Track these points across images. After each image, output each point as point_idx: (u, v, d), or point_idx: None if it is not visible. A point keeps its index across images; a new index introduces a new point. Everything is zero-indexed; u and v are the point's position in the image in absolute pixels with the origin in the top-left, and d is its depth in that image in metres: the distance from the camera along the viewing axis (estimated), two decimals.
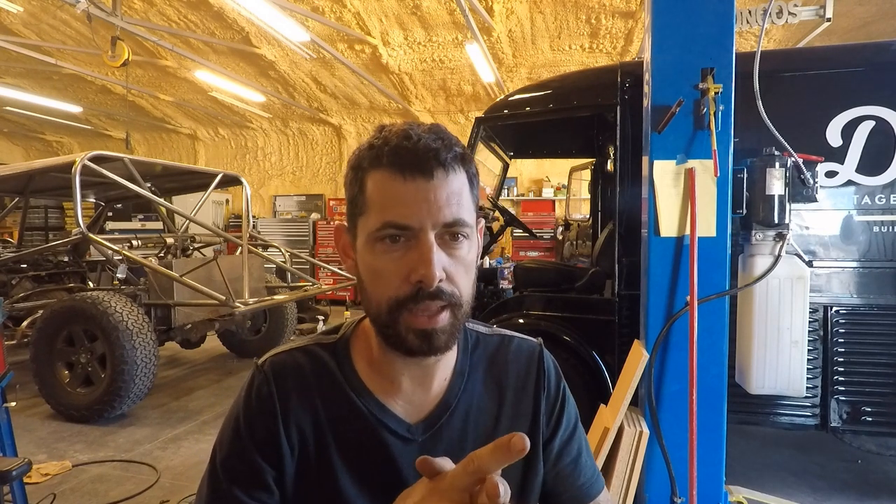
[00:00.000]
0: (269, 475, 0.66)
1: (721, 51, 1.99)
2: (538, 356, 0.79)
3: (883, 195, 2.37)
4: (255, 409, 0.67)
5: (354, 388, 0.69)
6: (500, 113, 3.22)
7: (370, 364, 0.70)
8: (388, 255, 0.61)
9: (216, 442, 0.69)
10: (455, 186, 0.61)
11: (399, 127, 0.63)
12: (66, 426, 3.70)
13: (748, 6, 2.56)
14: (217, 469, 0.67)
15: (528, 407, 0.76)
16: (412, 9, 5.68)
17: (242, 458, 0.66)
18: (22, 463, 1.73)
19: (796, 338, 2.08)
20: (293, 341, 0.75)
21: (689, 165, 2.02)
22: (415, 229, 0.60)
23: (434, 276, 0.58)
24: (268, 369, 0.70)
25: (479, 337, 0.78)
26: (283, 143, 10.20)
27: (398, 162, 0.60)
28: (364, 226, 0.63)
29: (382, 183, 0.61)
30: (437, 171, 0.60)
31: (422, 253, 0.59)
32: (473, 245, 0.65)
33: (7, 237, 7.88)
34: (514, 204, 8.77)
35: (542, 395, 0.77)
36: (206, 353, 5.76)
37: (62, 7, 5.76)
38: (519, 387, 0.76)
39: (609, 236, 3.11)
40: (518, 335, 0.81)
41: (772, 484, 2.78)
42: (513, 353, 0.78)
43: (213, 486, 0.66)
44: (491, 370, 0.76)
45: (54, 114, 9.32)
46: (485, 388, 0.74)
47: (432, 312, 0.60)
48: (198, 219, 4.67)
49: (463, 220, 0.61)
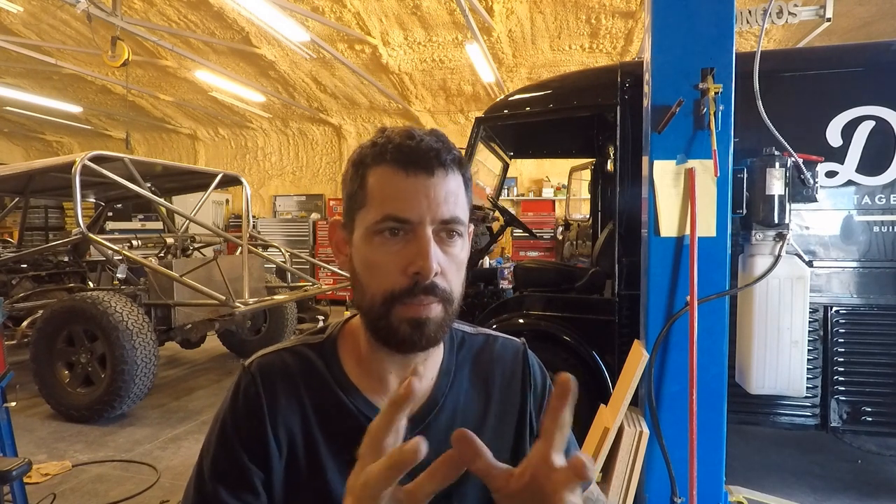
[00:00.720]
0: (257, 477, 0.66)
1: (721, 51, 1.99)
2: (523, 355, 0.81)
3: (883, 195, 2.37)
4: (243, 410, 0.67)
5: (342, 387, 0.70)
6: (500, 113, 3.22)
7: (358, 363, 0.71)
8: (386, 248, 0.62)
9: (203, 445, 0.69)
10: (452, 186, 0.64)
11: (401, 128, 0.65)
12: (66, 426, 3.70)
13: (748, 6, 2.56)
14: (203, 470, 0.66)
15: (514, 405, 0.77)
16: (412, 9, 5.68)
17: (229, 458, 0.66)
18: (22, 463, 1.73)
19: (796, 338, 2.08)
20: (280, 343, 0.76)
21: (689, 165, 2.02)
22: (413, 223, 0.61)
23: (431, 268, 0.60)
24: (255, 370, 0.70)
25: (464, 336, 0.79)
26: (283, 143, 10.20)
27: (401, 158, 0.62)
28: (363, 219, 0.64)
29: (385, 177, 0.63)
30: (437, 169, 0.62)
31: (420, 246, 0.61)
32: (466, 245, 0.67)
33: (7, 237, 7.88)
34: (514, 204, 8.77)
35: (528, 392, 0.78)
36: (206, 353, 5.76)
37: (62, 7, 5.76)
38: (504, 385, 0.77)
39: (609, 236, 3.11)
40: (502, 335, 0.83)
41: (772, 484, 2.78)
42: (497, 351, 0.80)
43: (198, 487, 0.66)
44: (477, 369, 0.77)
45: (54, 114, 9.32)
46: (471, 387, 0.75)
47: (426, 304, 0.62)
48: (198, 219, 4.67)
49: (459, 218, 0.64)
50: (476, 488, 0.69)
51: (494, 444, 0.72)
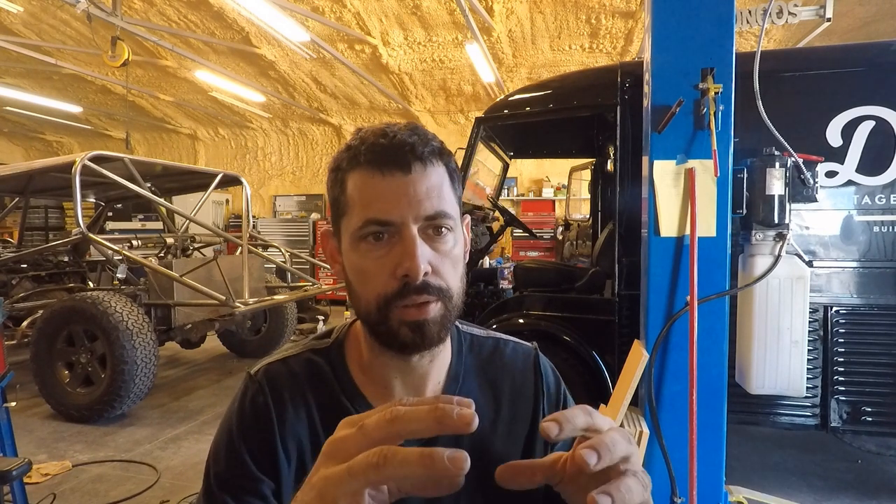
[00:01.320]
0: (266, 486, 0.64)
1: (721, 51, 1.99)
2: (534, 360, 0.78)
3: (883, 195, 2.37)
4: (251, 420, 0.66)
5: (349, 395, 0.68)
6: (500, 113, 3.22)
7: (362, 369, 0.70)
8: (373, 254, 0.61)
9: (209, 455, 0.68)
10: (434, 180, 0.61)
11: (376, 127, 0.63)
12: (66, 426, 3.70)
13: (748, 6, 2.56)
14: (211, 481, 0.65)
15: (526, 411, 0.75)
16: (412, 9, 5.68)
17: (238, 469, 0.64)
18: (22, 463, 1.73)
19: (796, 338, 2.08)
20: (285, 349, 0.74)
21: (689, 165, 2.02)
22: (396, 224, 0.59)
23: (419, 268, 0.58)
24: (262, 378, 0.69)
25: (472, 340, 0.77)
26: (283, 143, 10.20)
27: (375, 159, 0.60)
28: (347, 226, 0.63)
29: (361, 181, 0.61)
30: (414, 164, 0.60)
31: (405, 247, 0.59)
32: (459, 239, 0.65)
33: (7, 237, 7.88)
34: (514, 204, 8.77)
35: (541, 398, 0.76)
36: (206, 353, 5.76)
37: (62, 7, 5.76)
38: (515, 392, 0.75)
39: (609, 236, 3.11)
40: (513, 339, 0.80)
41: (772, 484, 2.78)
42: (508, 357, 0.77)
43: (207, 498, 0.65)
44: (486, 375, 0.75)
45: (54, 114, 9.32)
46: (481, 393, 0.73)
47: (421, 304, 0.60)
48: (198, 219, 4.67)
49: (444, 212, 0.61)
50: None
51: (504, 452, 0.71)
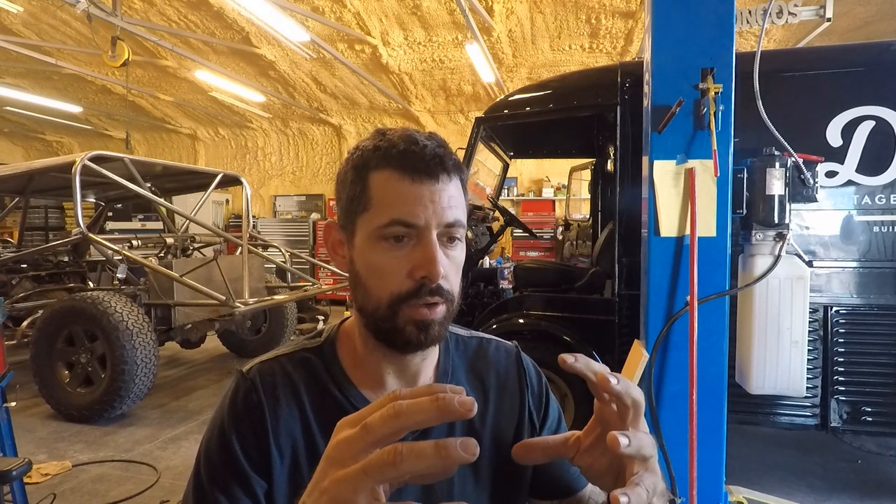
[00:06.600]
0: (258, 485, 0.64)
1: (721, 51, 1.99)
2: (516, 357, 0.83)
3: (883, 195, 2.37)
4: (243, 418, 0.66)
5: (342, 389, 0.70)
6: (500, 113, 3.22)
7: (355, 364, 0.72)
8: (392, 253, 0.64)
9: (199, 453, 0.67)
10: (454, 191, 0.66)
11: (401, 131, 0.66)
12: (66, 426, 3.70)
13: (748, 6, 2.56)
14: (202, 479, 0.65)
15: (513, 405, 0.78)
16: (412, 9, 5.67)
17: (230, 467, 0.64)
18: (22, 463, 1.73)
19: (796, 338, 2.08)
20: (277, 350, 0.75)
21: (689, 165, 2.01)
22: (420, 228, 0.63)
23: (439, 272, 0.62)
24: (254, 377, 0.69)
25: (458, 338, 0.81)
26: (283, 143, 10.20)
27: (407, 164, 0.63)
28: (366, 223, 0.65)
29: (390, 183, 0.64)
30: (441, 175, 0.64)
31: (427, 251, 0.62)
32: (464, 248, 0.69)
33: (7, 237, 7.88)
34: (514, 204, 8.77)
35: (526, 391, 0.79)
36: (206, 353, 5.76)
37: (62, 7, 5.76)
38: (501, 386, 0.79)
39: (609, 236, 3.11)
40: (495, 338, 0.85)
41: (772, 484, 2.78)
42: (492, 354, 0.81)
43: (198, 496, 0.64)
44: (473, 370, 0.79)
45: (54, 114, 9.32)
46: (469, 388, 0.76)
47: (431, 305, 0.64)
48: (198, 219, 4.67)
49: (461, 220, 0.66)
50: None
51: (494, 445, 0.74)
